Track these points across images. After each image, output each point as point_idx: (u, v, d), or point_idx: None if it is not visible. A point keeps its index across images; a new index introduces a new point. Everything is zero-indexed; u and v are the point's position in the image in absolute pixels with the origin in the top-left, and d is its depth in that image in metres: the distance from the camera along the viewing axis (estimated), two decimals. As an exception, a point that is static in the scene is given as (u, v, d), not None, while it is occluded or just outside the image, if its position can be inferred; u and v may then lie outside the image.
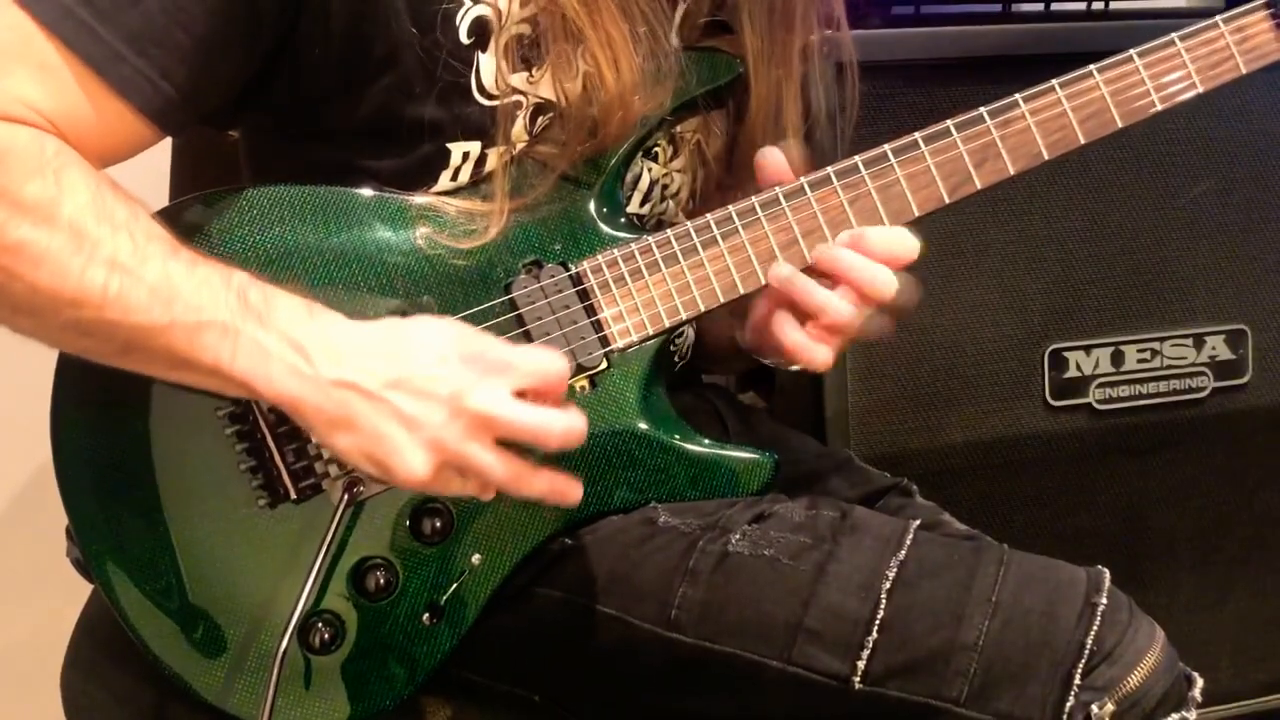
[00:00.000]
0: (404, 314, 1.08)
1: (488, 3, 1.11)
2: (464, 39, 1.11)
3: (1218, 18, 1.15)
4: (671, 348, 1.29)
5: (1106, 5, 1.72)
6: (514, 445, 1.02)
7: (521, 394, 1.01)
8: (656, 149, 1.25)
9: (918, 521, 1.13)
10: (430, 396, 0.99)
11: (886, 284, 1.10)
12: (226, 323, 0.99)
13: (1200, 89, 1.14)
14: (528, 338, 1.12)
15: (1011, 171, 1.14)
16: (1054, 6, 1.71)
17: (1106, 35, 1.68)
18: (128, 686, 1.19)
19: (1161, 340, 1.72)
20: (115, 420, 1.11)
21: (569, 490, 1.05)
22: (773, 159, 1.15)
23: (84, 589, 1.24)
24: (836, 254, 1.11)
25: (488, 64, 1.12)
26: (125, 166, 1.06)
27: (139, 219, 1.00)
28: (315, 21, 1.08)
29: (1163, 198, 1.70)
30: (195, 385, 1.03)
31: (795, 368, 1.18)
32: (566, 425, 1.01)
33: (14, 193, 0.95)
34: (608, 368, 1.13)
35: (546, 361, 1.03)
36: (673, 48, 1.18)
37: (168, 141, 1.33)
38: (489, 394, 0.99)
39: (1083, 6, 1.72)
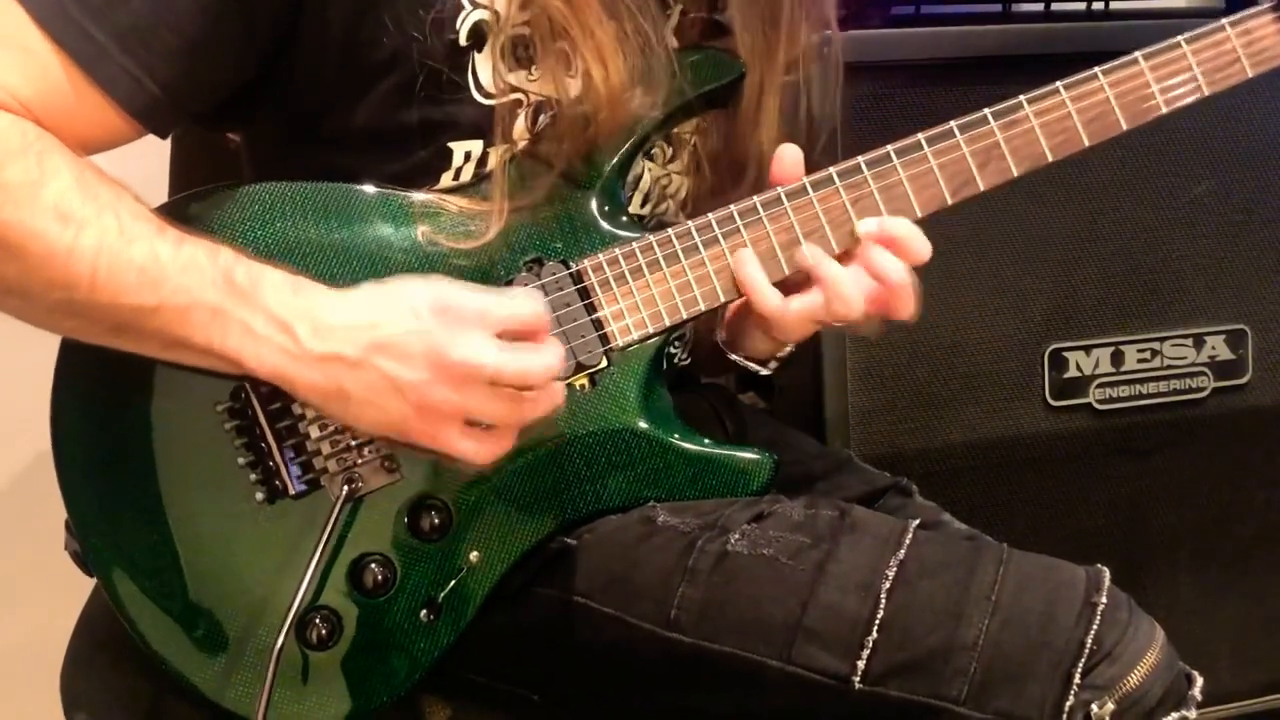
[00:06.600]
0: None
1: (487, 7, 1.11)
2: (462, 42, 1.11)
3: (1224, 20, 1.13)
4: (672, 349, 1.29)
5: (1106, 5, 1.72)
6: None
7: (503, 337, 1.01)
8: (655, 150, 1.24)
9: (917, 521, 1.12)
10: (409, 356, 0.99)
11: (898, 273, 1.10)
12: (215, 304, 1.00)
13: (1205, 92, 1.13)
14: None
15: (1015, 173, 1.13)
16: (1054, 6, 1.71)
17: (1106, 35, 1.68)
18: (127, 684, 1.18)
19: (1161, 340, 1.72)
20: (115, 414, 1.11)
21: (559, 395, 1.05)
22: (791, 156, 1.14)
23: (83, 588, 1.24)
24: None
25: (484, 63, 1.12)
26: (124, 166, 1.06)
27: (123, 200, 1.01)
28: (313, 30, 1.08)
29: (1162, 198, 1.70)
30: (190, 364, 1.04)
31: (766, 369, 1.20)
32: (547, 361, 1.01)
33: None
34: (608, 366, 1.13)
35: (520, 304, 1.03)
36: (667, 48, 1.17)
37: (167, 141, 1.33)
38: (468, 344, 0.99)
39: (1083, 6, 1.73)
